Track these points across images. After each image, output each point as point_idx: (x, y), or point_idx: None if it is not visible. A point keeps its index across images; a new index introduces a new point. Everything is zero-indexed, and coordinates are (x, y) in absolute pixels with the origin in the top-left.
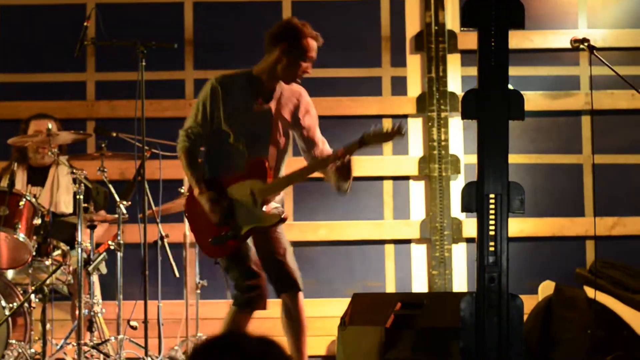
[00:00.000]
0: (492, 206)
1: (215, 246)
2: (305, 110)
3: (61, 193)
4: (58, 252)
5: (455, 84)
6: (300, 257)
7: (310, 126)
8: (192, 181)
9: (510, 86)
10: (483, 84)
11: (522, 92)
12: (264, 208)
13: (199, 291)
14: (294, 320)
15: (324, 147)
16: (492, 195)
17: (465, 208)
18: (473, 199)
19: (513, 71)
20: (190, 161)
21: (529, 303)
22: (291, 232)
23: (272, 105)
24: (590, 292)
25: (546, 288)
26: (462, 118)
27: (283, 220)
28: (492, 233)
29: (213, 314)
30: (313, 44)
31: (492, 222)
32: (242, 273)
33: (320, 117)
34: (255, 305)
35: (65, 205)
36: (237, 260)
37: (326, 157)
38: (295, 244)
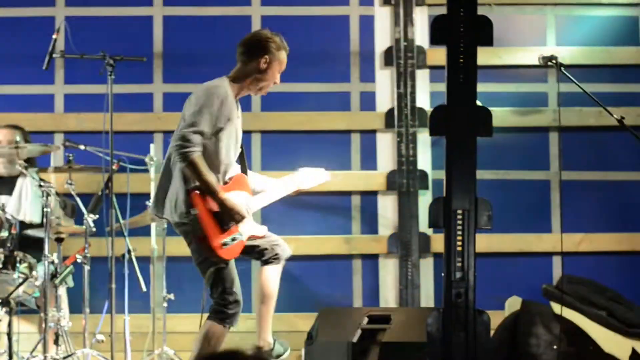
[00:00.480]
0: (459, 222)
1: (227, 249)
2: None
3: (30, 202)
4: (25, 264)
5: (424, 99)
6: None
7: None
8: (211, 185)
9: (478, 102)
10: (451, 100)
11: (490, 109)
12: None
13: (165, 305)
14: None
15: None
16: (459, 211)
17: (432, 224)
18: (441, 215)
19: (481, 87)
20: (205, 167)
21: (496, 319)
22: None
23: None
24: (557, 308)
25: (513, 304)
26: (430, 134)
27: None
28: (459, 249)
29: (180, 328)
30: (285, 57)
31: (459, 237)
32: (229, 287)
33: (290, 132)
34: (235, 322)
35: (34, 215)
36: (227, 274)
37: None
38: None
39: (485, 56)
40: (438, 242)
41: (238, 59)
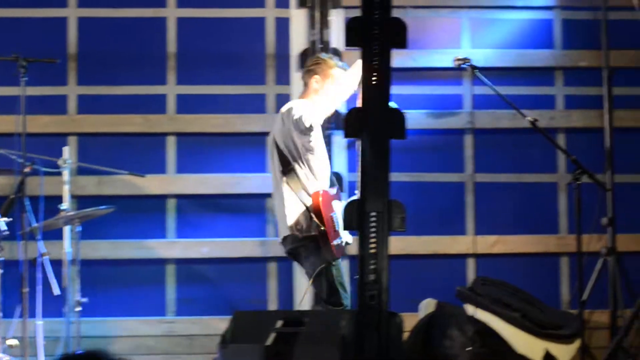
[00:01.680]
0: (373, 224)
1: (338, 249)
2: None
3: None
4: None
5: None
6: (183, 275)
7: None
8: None
9: (393, 105)
10: (366, 103)
11: (405, 111)
12: None
13: (79, 309)
14: None
15: None
16: (373, 214)
17: (347, 226)
18: (354, 217)
19: (396, 90)
20: None
21: (410, 321)
22: (174, 249)
23: None
24: (470, 309)
25: (427, 306)
26: (345, 136)
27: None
28: (373, 251)
29: (94, 332)
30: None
31: (373, 240)
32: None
33: (209, 135)
34: None
35: None
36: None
37: None
38: (178, 261)
39: (400, 58)
40: (352, 245)
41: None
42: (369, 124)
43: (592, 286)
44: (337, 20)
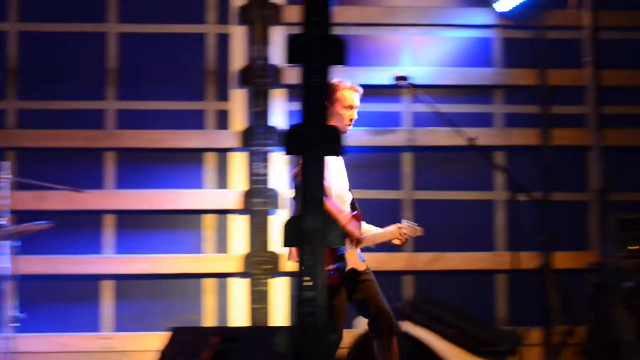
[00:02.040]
0: (311, 241)
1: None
2: None
3: None
4: None
5: (279, 118)
6: (120, 291)
7: None
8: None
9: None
10: (305, 120)
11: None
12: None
13: (16, 324)
14: None
15: None
16: (311, 230)
17: (285, 243)
18: (293, 234)
19: None
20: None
21: (347, 337)
22: (111, 265)
23: None
24: (407, 326)
25: (363, 323)
26: (285, 153)
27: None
28: (310, 268)
29: (31, 348)
30: (352, 96)
31: (310, 256)
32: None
33: (146, 150)
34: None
35: None
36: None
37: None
38: (116, 277)
39: (341, 76)
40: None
41: None
42: (308, 141)
43: (527, 303)
44: (277, 37)
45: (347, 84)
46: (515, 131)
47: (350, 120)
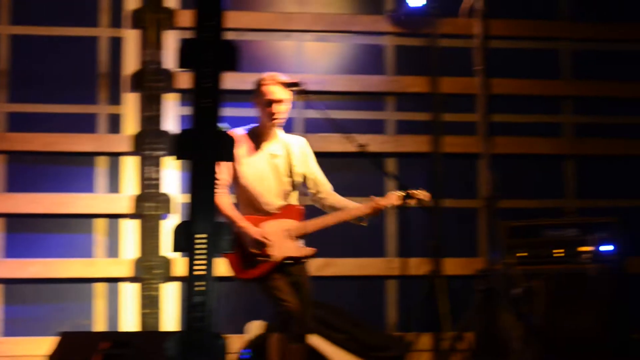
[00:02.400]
0: (201, 246)
1: (246, 270)
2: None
3: None
4: None
5: (171, 123)
6: (9, 295)
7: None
8: (230, 219)
9: (226, 126)
10: (196, 125)
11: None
12: (298, 243)
13: None
14: None
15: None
16: (201, 235)
17: (176, 247)
18: (183, 239)
19: (230, 112)
20: (225, 204)
21: (238, 342)
22: (1, 268)
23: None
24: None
25: (255, 327)
26: (175, 158)
27: (312, 255)
28: (200, 273)
29: (11, 352)
30: (271, 90)
31: (200, 261)
32: (274, 304)
33: (40, 153)
34: (286, 328)
35: None
36: (269, 291)
37: (367, 207)
38: (5, 281)
39: (233, 81)
40: (182, 266)
41: None
42: (199, 146)
43: (417, 309)
44: (171, 41)
45: (268, 78)
46: (406, 138)
47: (274, 115)
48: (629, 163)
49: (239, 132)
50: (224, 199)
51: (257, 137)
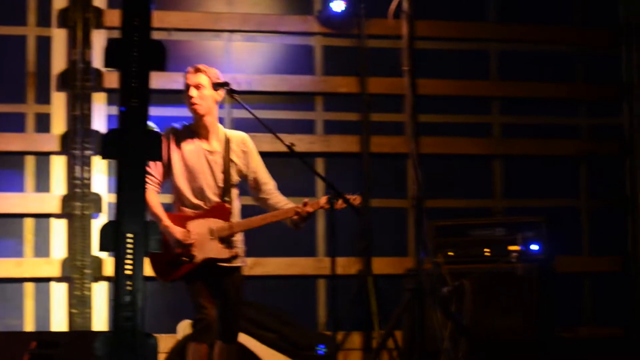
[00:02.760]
0: (129, 245)
1: (167, 270)
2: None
3: None
4: None
5: (100, 122)
6: None
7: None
8: (156, 217)
9: (153, 126)
10: (123, 124)
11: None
12: (222, 244)
13: None
14: None
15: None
16: (129, 235)
17: (103, 247)
18: (111, 238)
19: (158, 111)
20: (152, 200)
21: (169, 342)
22: None
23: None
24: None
25: (185, 327)
26: (102, 157)
27: (235, 257)
28: (128, 272)
29: None
30: (187, 76)
31: (129, 261)
32: (193, 307)
33: None
34: (203, 337)
35: None
36: (191, 292)
37: (290, 210)
38: None
39: (163, 80)
40: (111, 266)
41: None
42: (126, 146)
43: (347, 308)
44: (98, 40)
45: (190, 67)
46: (334, 138)
47: (190, 100)
48: (555, 163)
49: (175, 127)
50: (152, 197)
51: (194, 133)
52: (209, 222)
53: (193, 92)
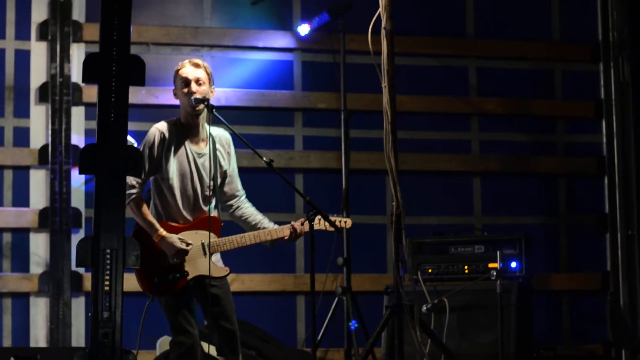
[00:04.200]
0: (107, 261)
1: (158, 285)
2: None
3: None
4: None
5: (79, 136)
6: None
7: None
8: (147, 226)
9: (132, 141)
10: (101, 139)
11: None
12: (214, 261)
13: None
14: None
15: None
16: (108, 250)
17: (80, 263)
18: (89, 254)
19: (137, 126)
20: (142, 209)
21: (147, 358)
22: None
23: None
24: (206, 347)
25: (164, 343)
26: (80, 172)
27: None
28: (107, 288)
29: None
30: (186, 70)
31: (107, 277)
32: (173, 326)
33: None
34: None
35: None
36: (174, 310)
37: (284, 228)
38: None
39: (141, 96)
40: (90, 281)
41: None
42: (105, 160)
43: (327, 325)
44: (78, 54)
45: (184, 62)
46: (314, 154)
47: (190, 95)
48: (534, 180)
49: (161, 127)
50: (141, 204)
51: (180, 133)
52: (200, 235)
53: (195, 86)
